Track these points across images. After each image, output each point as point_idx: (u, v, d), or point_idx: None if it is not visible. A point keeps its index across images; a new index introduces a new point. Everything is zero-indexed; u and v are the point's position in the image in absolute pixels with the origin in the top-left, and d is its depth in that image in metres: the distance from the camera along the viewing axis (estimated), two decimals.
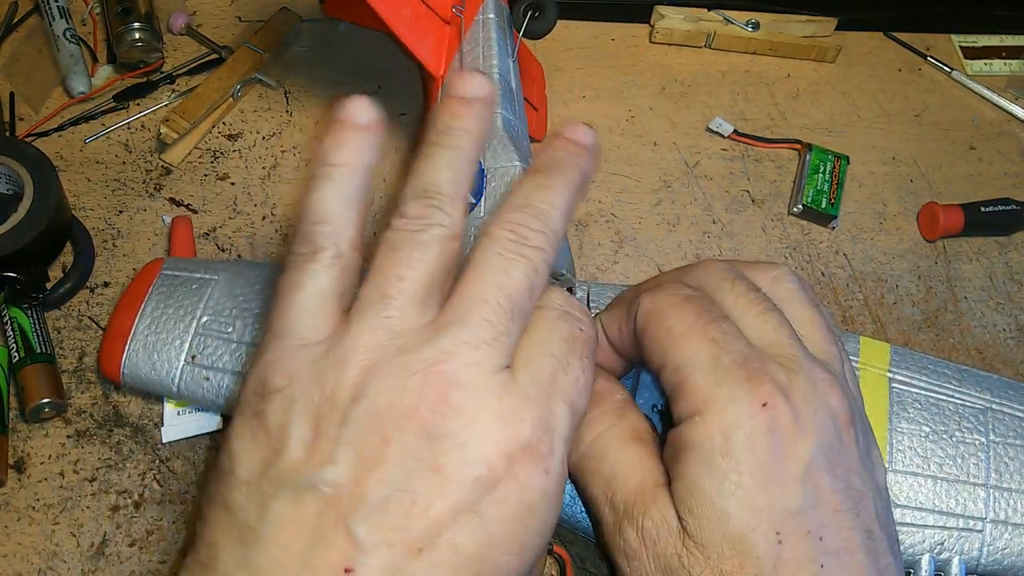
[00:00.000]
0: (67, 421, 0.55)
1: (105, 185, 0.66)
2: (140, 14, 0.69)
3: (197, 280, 0.57)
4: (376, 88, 0.73)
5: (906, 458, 0.50)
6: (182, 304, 0.55)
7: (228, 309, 0.55)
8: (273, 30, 0.72)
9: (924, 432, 0.51)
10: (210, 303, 0.55)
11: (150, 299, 0.55)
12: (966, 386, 0.53)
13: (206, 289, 0.56)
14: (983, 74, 0.78)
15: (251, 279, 0.57)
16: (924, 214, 0.68)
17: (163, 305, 0.55)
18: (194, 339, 0.54)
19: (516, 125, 0.51)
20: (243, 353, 0.54)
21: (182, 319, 0.55)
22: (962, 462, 0.50)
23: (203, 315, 0.55)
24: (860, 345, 0.54)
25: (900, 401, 0.52)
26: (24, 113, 0.69)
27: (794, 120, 0.74)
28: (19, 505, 0.52)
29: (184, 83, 0.71)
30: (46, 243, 0.59)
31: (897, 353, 0.54)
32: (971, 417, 0.52)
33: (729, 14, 0.76)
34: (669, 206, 0.68)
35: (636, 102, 0.74)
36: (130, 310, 0.55)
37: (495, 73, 0.52)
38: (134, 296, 0.56)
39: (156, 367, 0.53)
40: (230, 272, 0.57)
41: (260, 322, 0.54)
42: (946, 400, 0.53)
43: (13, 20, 0.73)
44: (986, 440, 0.51)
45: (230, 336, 0.54)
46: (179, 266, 0.58)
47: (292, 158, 0.68)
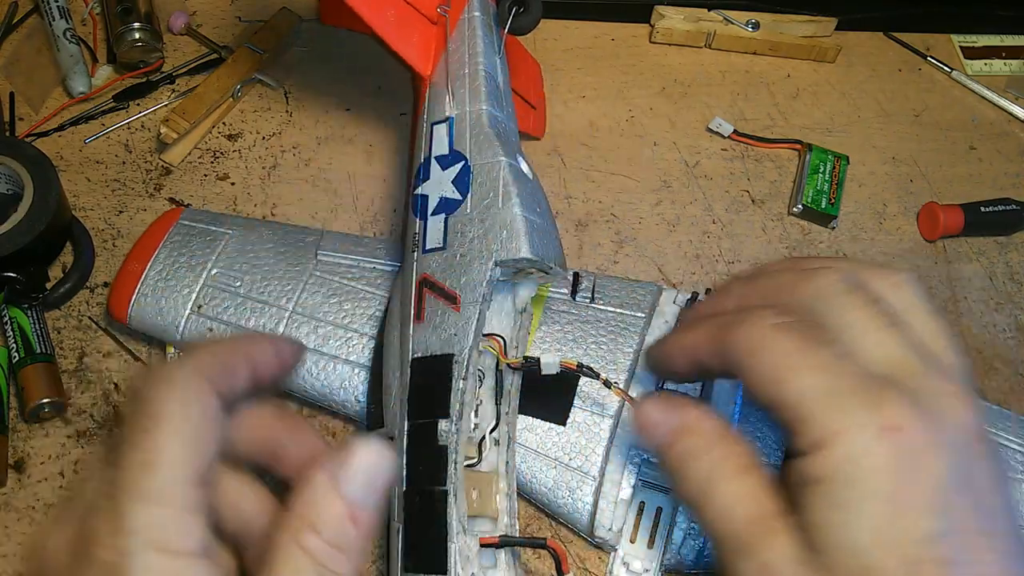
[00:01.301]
0: (67, 421, 0.55)
1: (105, 185, 0.66)
2: (140, 14, 0.69)
3: (212, 233, 0.58)
4: (376, 87, 0.73)
5: None
6: (194, 254, 0.57)
7: (238, 264, 0.57)
8: (273, 30, 0.72)
9: None
10: (222, 256, 0.57)
11: (164, 246, 0.57)
12: None
13: (219, 242, 0.57)
14: (983, 74, 0.78)
15: (264, 237, 0.58)
16: (924, 214, 0.68)
17: (176, 253, 0.57)
18: (202, 289, 0.55)
19: (503, 121, 0.51)
20: (248, 308, 0.55)
21: (193, 269, 0.56)
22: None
23: (213, 267, 0.56)
24: None
25: None
26: (24, 113, 0.68)
27: (794, 120, 0.74)
28: (19, 505, 0.52)
29: (184, 83, 0.71)
30: (46, 243, 0.59)
31: None
32: None
33: (729, 14, 0.76)
34: (669, 206, 0.68)
35: (636, 102, 0.74)
36: (144, 255, 0.57)
37: (481, 71, 0.52)
38: (149, 241, 0.58)
39: (163, 312, 0.55)
40: (244, 229, 0.59)
41: (267, 279, 0.56)
42: None
43: (13, 20, 0.73)
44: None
45: (237, 290, 0.55)
46: (196, 217, 0.59)
47: (292, 158, 0.68)
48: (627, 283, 0.57)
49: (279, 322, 0.54)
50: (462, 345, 0.44)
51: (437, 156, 0.51)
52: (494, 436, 0.47)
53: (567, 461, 0.51)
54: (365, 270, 0.57)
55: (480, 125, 0.50)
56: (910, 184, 0.71)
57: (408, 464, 0.44)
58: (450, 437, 0.43)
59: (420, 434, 0.44)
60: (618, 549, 0.50)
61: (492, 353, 0.47)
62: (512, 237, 0.45)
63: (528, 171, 0.49)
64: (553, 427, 0.52)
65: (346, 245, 0.58)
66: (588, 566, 0.52)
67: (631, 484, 0.50)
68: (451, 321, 0.45)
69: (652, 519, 0.50)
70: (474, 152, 0.49)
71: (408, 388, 0.46)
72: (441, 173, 0.50)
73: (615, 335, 0.55)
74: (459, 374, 0.44)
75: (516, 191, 0.46)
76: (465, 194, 0.48)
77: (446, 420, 0.43)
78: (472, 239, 0.46)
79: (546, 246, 0.46)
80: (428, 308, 0.47)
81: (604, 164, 0.69)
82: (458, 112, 0.51)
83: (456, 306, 0.45)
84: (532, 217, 0.46)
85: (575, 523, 0.51)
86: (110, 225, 0.63)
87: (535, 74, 0.72)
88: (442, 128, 0.52)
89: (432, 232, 0.49)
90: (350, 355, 0.54)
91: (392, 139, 0.70)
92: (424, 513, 0.43)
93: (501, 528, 0.45)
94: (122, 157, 0.67)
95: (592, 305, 0.56)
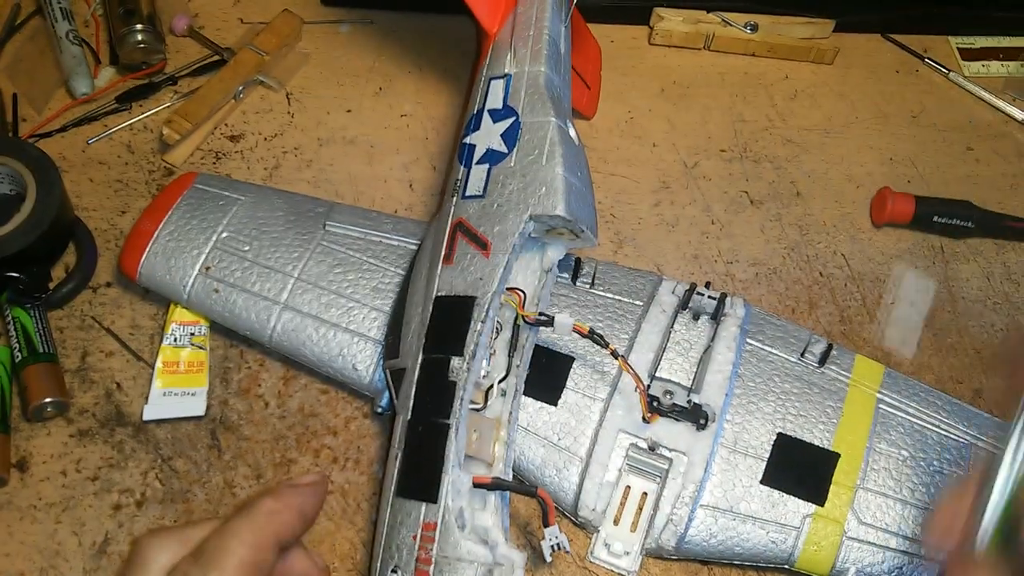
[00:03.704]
0: (69, 420, 0.56)
1: (108, 186, 0.66)
2: (142, 16, 0.70)
3: (225, 198, 0.60)
4: (377, 89, 0.73)
5: (880, 479, 0.51)
6: (206, 217, 0.58)
7: (248, 229, 0.58)
8: (275, 32, 0.72)
9: (903, 456, 0.52)
10: (233, 221, 0.58)
11: (178, 207, 0.58)
12: (954, 418, 0.54)
13: (231, 207, 0.59)
14: (980, 75, 0.78)
15: (275, 205, 0.60)
16: (877, 200, 0.69)
17: (189, 215, 0.58)
18: (211, 252, 0.57)
19: (558, 85, 0.53)
20: (254, 273, 0.56)
21: (204, 231, 0.58)
22: (936, 491, 0.51)
23: (224, 231, 0.58)
24: (855, 362, 0.55)
25: (884, 422, 0.53)
26: (27, 114, 0.69)
27: (792, 121, 0.74)
28: (21, 504, 0.53)
29: (186, 84, 0.72)
30: (49, 243, 0.59)
31: (890, 376, 0.55)
32: (953, 449, 0.53)
33: (728, 16, 0.76)
34: (668, 207, 0.68)
35: (635, 103, 0.74)
36: (157, 214, 0.58)
37: (545, 34, 0.54)
38: (163, 202, 0.59)
39: (172, 271, 0.56)
40: (257, 196, 0.60)
41: (275, 245, 0.57)
42: (931, 429, 0.53)
43: (16, 21, 0.74)
44: (965, 474, 0.51)
45: (245, 254, 0.57)
46: (210, 182, 0.61)
47: (293, 159, 0.68)
48: (627, 271, 0.58)
49: (283, 288, 0.56)
50: (486, 289, 0.46)
51: (490, 109, 0.53)
52: (502, 386, 0.48)
53: (556, 441, 0.52)
54: (371, 243, 0.58)
55: (536, 85, 0.52)
56: (908, 185, 0.71)
57: (416, 395, 0.46)
58: (460, 375, 0.45)
59: (432, 367, 0.46)
60: (601, 530, 0.52)
61: (512, 307, 0.49)
62: (550, 194, 0.47)
63: (575, 137, 0.51)
64: (544, 407, 0.53)
65: (355, 218, 0.60)
66: (571, 546, 0.53)
67: (618, 467, 0.51)
68: (479, 266, 0.47)
69: (637, 503, 0.51)
70: (526, 110, 0.51)
71: (427, 323, 0.48)
72: (492, 125, 0.52)
73: (612, 321, 0.56)
74: (478, 316, 0.46)
75: (561, 152, 0.48)
76: (512, 148, 0.50)
77: (459, 358, 0.45)
78: (511, 191, 0.48)
79: (582, 209, 0.48)
80: (459, 251, 0.49)
81: (603, 165, 0.70)
82: (517, 70, 0.53)
83: (486, 252, 0.48)
84: (572, 179, 0.48)
85: (560, 502, 0.52)
86: (113, 226, 0.64)
87: (595, 56, 0.73)
88: (499, 83, 0.54)
89: (474, 180, 0.51)
90: (350, 324, 0.55)
91: (393, 140, 0.70)
92: (424, 443, 0.45)
93: (496, 474, 0.46)
94: (124, 158, 0.67)
95: (592, 290, 0.57)
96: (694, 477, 0.50)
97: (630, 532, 0.51)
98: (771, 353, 0.55)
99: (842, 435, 0.52)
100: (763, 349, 0.55)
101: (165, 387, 0.56)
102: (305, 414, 0.57)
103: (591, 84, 0.71)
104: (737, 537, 0.50)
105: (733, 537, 0.50)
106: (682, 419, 0.51)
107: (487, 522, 0.43)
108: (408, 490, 0.44)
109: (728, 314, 0.54)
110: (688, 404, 0.52)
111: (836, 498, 0.50)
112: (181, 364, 0.56)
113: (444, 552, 0.41)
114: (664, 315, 0.55)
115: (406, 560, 0.42)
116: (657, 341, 0.54)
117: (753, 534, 0.50)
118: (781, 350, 0.55)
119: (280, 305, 0.55)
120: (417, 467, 0.44)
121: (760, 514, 0.50)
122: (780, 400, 0.53)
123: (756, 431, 0.52)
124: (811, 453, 0.51)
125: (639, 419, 0.51)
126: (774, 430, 0.52)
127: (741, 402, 0.53)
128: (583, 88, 0.70)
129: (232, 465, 0.54)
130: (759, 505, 0.50)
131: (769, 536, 0.50)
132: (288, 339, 0.55)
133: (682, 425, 0.51)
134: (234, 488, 0.54)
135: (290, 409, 0.57)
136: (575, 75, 0.65)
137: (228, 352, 0.58)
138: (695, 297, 0.55)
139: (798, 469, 0.51)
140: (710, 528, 0.50)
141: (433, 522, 0.42)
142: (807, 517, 0.50)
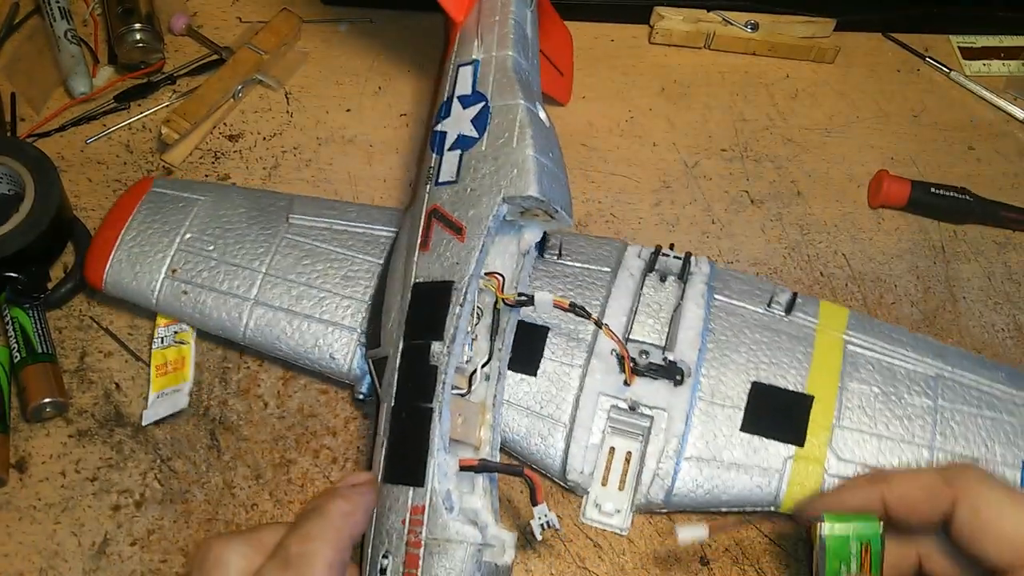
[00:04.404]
0: (68, 421, 0.55)
1: (106, 185, 0.66)
2: (141, 15, 0.70)
3: (184, 199, 0.60)
4: (376, 88, 0.73)
5: (854, 416, 0.53)
6: (168, 220, 0.58)
7: (211, 228, 0.58)
8: (274, 31, 0.72)
9: (874, 392, 0.54)
10: (195, 221, 0.58)
11: (138, 213, 0.59)
12: (920, 352, 0.56)
13: (192, 208, 0.59)
14: (981, 75, 0.78)
15: (236, 203, 0.60)
16: (874, 182, 0.69)
17: (150, 219, 0.58)
18: (176, 254, 0.57)
19: (526, 69, 0.54)
20: (221, 272, 0.56)
21: (167, 234, 0.58)
22: (908, 423, 0.53)
23: (187, 232, 0.58)
24: (820, 308, 0.57)
25: (853, 362, 0.55)
26: (25, 113, 0.69)
27: (793, 120, 0.74)
28: (21, 504, 0.52)
29: (185, 84, 0.71)
30: (47, 243, 0.59)
31: (855, 317, 0.57)
32: (922, 382, 0.55)
33: (728, 15, 0.76)
34: (668, 206, 0.68)
35: (635, 103, 0.74)
36: (117, 222, 0.58)
37: (511, 19, 0.54)
38: (123, 209, 0.59)
39: (138, 277, 0.56)
40: (216, 194, 0.60)
41: (240, 242, 0.57)
42: (899, 364, 0.55)
43: (15, 21, 0.74)
44: (934, 404, 0.54)
45: (210, 254, 0.57)
46: (169, 185, 0.61)
47: (293, 158, 0.68)
48: (593, 240, 0.59)
49: (252, 284, 0.56)
50: (463, 273, 0.47)
51: (460, 95, 0.53)
52: (485, 371, 0.49)
53: (539, 409, 0.53)
54: (337, 232, 0.58)
55: (504, 69, 0.52)
56: None
57: (399, 382, 0.47)
58: (441, 358, 0.45)
59: (413, 353, 0.47)
60: (590, 492, 0.53)
61: (491, 291, 0.50)
62: (521, 175, 0.47)
63: (546, 119, 0.51)
64: (525, 378, 0.54)
65: (318, 208, 0.60)
66: (563, 510, 0.54)
67: (601, 429, 0.52)
68: (455, 250, 0.48)
69: (622, 463, 0.53)
70: (495, 94, 0.52)
71: (407, 311, 0.48)
72: (462, 111, 0.52)
73: (583, 289, 0.57)
74: (456, 300, 0.46)
75: (531, 133, 0.49)
76: (482, 132, 0.50)
77: (439, 342, 0.46)
78: (484, 175, 0.49)
79: (554, 190, 0.48)
80: (435, 237, 0.49)
81: (603, 164, 0.70)
82: (484, 56, 0.54)
83: (461, 237, 0.48)
84: (543, 160, 0.48)
85: (548, 468, 0.53)
86: None
87: (566, 41, 0.73)
88: (467, 70, 0.54)
89: (447, 166, 0.51)
90: (323, 314, 0.55)
91: (392, 139, 0.70)
92: (408, 428, 0.45)
93: (483, 457, 0.46)
94: (123, 157, 0.67)
95: (560, 261, 0.58)
96: (676, 431, 0.51)
97: (618, 491, 0.53)
98: (739, 306, 0.56)
99: (814, 378, 0.54)
100: (731, 303, 0.56)
101: (159, 390, 0.56)
102: (304, 414, 0.56)
103: (563, 70, 0.72)
104: (723, 485, 0.51)
105: (719, 485, 0.51)
106: (659, 377, 0.52)
107: (476, 504, 0.44)
108: (395, 476, 0.44)
109: (694, 272, 0.56)
110: (664, 362, 0.53)
111: (814, 438, 0.52)
112: (169, 365, 0.56)
113: (433, 534, 0.42)
114: (632, 279, 0.56)
115: (396, 544, 0.42)
116: (628, 305, 0.55)
117: (738, 480, 0.51)
118: (748, 302, 0.57)
119: (251, 301, 0.55)
120: (402, 452, 0.45)
121: (743, 460, 0.52)
122: (752, 350, 0.55)
123: (731, 382, 0.53)
124: (786, 398, 0.53)
125: (618, 381, 0.52)
126: (748, 379, 0.53)
127: (714, 355, 0.54)
128: (556, 74, 0.70)
129: (231, 466, 0.54)
130: (741, 452, 0.52)
131: (754, 481, 0.51)
132: (262, 334, 0.55)
133: (660, 383, 0.52)
134: (233, 489, 0.54)
135: (289, 409, 0.56)
136: (547, 61, 0.66)
137: (227, 353, 0.58)
138: (661, 259, 0.57)
139: (775, 414, 0.53)
140: (696, 479, 0.51)
141: (421, 505, 0.42)
142: (788, 459, 0.52)
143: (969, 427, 0.53)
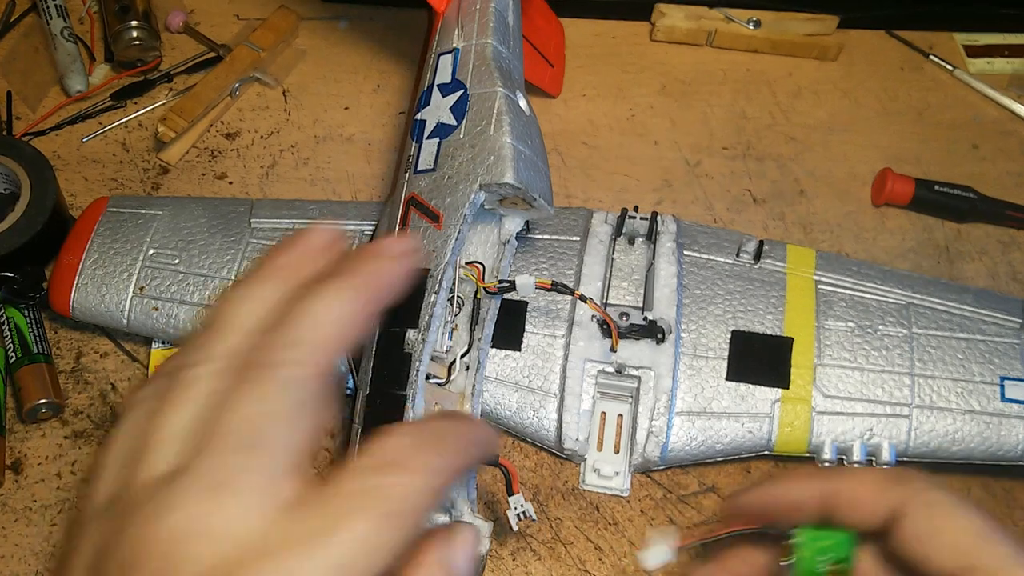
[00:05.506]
0: (64, 422, 0.55)
1: (103, 184, 0.65)
2: (138, 12, 0.69)
3: (142, 216, 0.59)
4: (375, 86, 0.72)
5: (834, 353, 0.55)
6: (128, 238, 0.58)
7: (174, 241, 0.58)
8: (271, 28, 0.72)
9: (850, 328, 0.56)
10: (156, 236, 0.58)
11: (97, 234, 0.58)
12: (889, 284, 0.57)
13: (151, 223, 0.59)
14: (986, 72, 0.77)
15: (195, 213, 0.60)
16: (877, 180, 0.69)
17: (110, 240, 0.58)
18: (141, 271, 0.57)
19: (507, 57, 0.54)
20: (190, 283, 0.56)
21: (129, 252, 0.57)
22: (887, 353, 0.55)
23: (149, 248, 0.57)
24: (787, 251, 0.59)
25: (826, 301, 0.57)
26: (21, 112, 0.68)
27: (795, 119, 0.73)
28: (16, 506, 0.52)
29: (182, 82, 0.71)
30: (43, 243, 0.59)
31: (822, 257, 0.59)
32: (894, 312, 0.56)
33: (731, 12, 0.76)
34: (670, 205, 0.67)
35: (637, 100, 0.73)
36: (77, 246, 0.57)
37: (492, 7, 0.54)
38: (80, 233, 0.58)
39: (105, 300, 0.56)
40: (174, 207, 0.60)
41: (205, 252, 0.57)
42: (870, 298, 0.57)
43: (10, 19, 0.73)
44: (909, 332, 0.55)
45: (176, 267, 0.57)
46: (124, 203, 0.60)
47: (290, 157, 0.68)
48: (558, 210, 0.59)
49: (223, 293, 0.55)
50: (439, 261, 0.47)
51: (439, 84, 0.53)
52: (465, 360, 0.49)
53: (527, 383, 0.53)
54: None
55: (483, 57, 0.52)
56: None
57: (374, 369, 0.46)
58: (416, 346, 0.45)
59: (388, 341, 0.47)
60: (588, 458, 0.54)
61: (472, 280, 0.50)
62: (498, 162, 0.47)
63: (526, 108, 0.51)
64: (509, 354, 0.54)
65: (278, 210, 0.60)
66: (564, 478, 0.54)
67: (591, 396, 0.53)
68: (432, 238, 0.48)
69: (615, 426, 0.54)
70: (474, 81, 0.51)
71: None
72: (441, 100, 0.52)
73: (555, 260, 0.57)
74: (432, 287, 0.46)
75: (508, 120, 0.49)
76: (460, 120, 0.50)
77: (414, 330, 0.46)
78: (461, 162, 0.49)
79: (532, 177, 0.48)
80: (412, 225, 0.49)
81: (605, 163, 0.69)
82: (464, 44, 0.54)
83: (438, 224, 0.48)
84: (521, 147, 0.48)
85: (543, 440, 0.53)
86: None
87: (557, 33, 0.73)
88: (448, 58, 0.54)
89: (425, 155, 0.51)
90: None
91: (391, 138, 0.69)
92: (382, 415, 0.45)
93: None
94: (120, 156, 0.67)
95: (529, 236, 0.58)
96: (664, 388, 0.52)
97: (615, 454, 0.54)
98: (709, 259, 0.58)
99: (791, 320, 0.55)
100: (701, 257, 0.58)
101: None
102: None
103: (554, 61, 0.71)
104: (716, 435, 0.53)
105: (712, 436, 0.52)
106: (641, 337, 0.53)
107: (452, 494, 0.43)
108: None
109: (662, 232, 0.57)
110: (644, 322, 0.54)
111: (799, 379, 0.54)
112: None
113: None
114: (602, 245, 0.57)
115: None
116: (601, 271, 0.56)
117: (730, 429, 0.53)
118: (717, 255, 0.58)
119: None
120: None
121: (732, 409, 0.53)
122: (727, 300, 0.56)
123: (711, 333, 0.55)
124: (766, 342, 0.54)
125: (602, 346, 0.53)
126: (728, 329, 0.55)
127: (692, 310, 0.55)
128: (546, 66, 0.70)
129: None
130: (729, 401, 0.53)
131: (745, 427, 0.52)
132: None
133: (642, 343, 0.53)
134: None
135: None
136: (536, 53, 0.66)
137: None
138: (627, 221, 0.57)
139: (758, 360, 0.54)
140: (689, 432, 0.52)
141: None
142: (776, 402, 0.53)
143: (945, 350, 0.54)
